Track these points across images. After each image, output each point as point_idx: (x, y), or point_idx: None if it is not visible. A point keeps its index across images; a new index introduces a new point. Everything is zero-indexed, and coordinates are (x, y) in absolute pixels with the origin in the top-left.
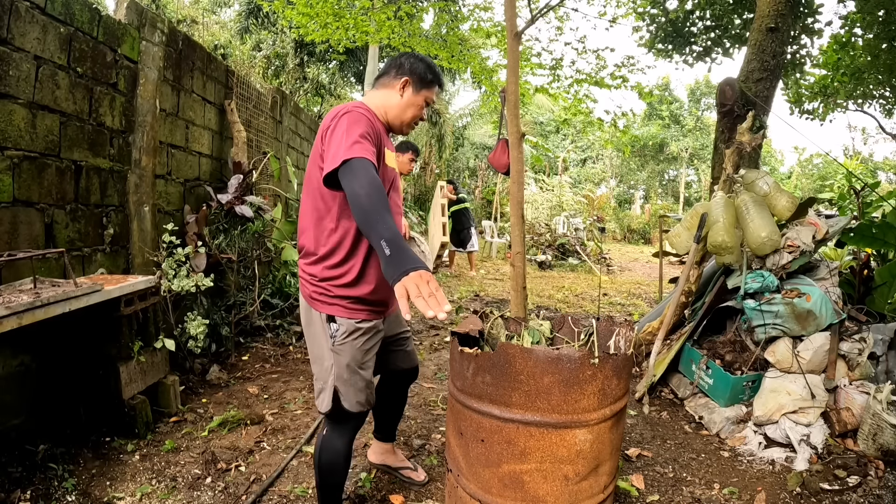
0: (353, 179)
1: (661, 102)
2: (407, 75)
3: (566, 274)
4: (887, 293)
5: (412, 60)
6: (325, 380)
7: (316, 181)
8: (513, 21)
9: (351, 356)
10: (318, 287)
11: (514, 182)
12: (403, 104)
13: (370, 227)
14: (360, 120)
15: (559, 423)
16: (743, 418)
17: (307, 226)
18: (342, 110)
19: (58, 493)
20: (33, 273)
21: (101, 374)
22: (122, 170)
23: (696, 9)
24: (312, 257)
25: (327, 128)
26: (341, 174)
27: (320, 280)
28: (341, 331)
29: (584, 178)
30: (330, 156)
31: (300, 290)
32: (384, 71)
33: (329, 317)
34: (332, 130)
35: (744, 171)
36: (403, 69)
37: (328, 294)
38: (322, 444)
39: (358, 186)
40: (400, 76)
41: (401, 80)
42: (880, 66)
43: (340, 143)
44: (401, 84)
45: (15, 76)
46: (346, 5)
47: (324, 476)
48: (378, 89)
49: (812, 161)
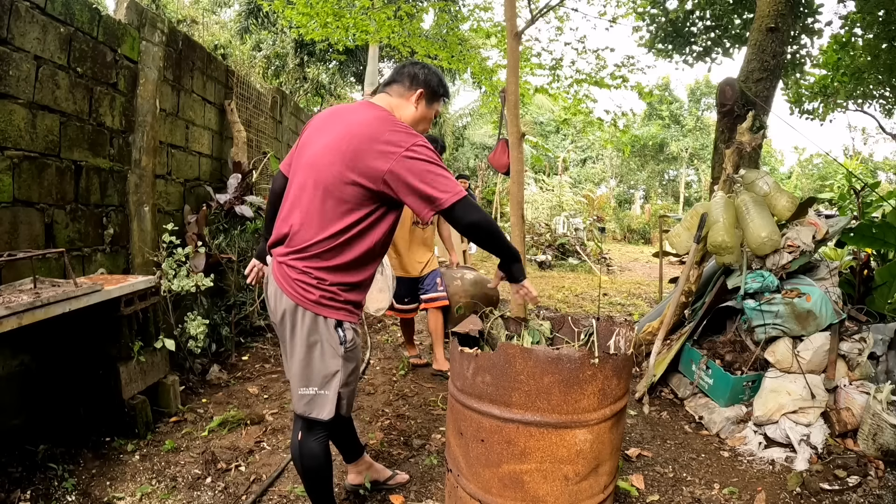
0: (474, 212)
1: (661, 102)
2: (422, 87)
3: (566, 274)
4: (887, 293)
5: (426, 72)
6: (327, 387)
7: (352, 189)
8: (513, 21)
9: (356, 361)
10: (327, 291)
11: (514, 182)
12: (418, 116)
13: (505, 246)
14: (432, 149)
15: (559, 423)
16: (743, 418)
17: (315, 228)
18: (411, 136)
19: (58, 493)
20: (33, 273)
21: (101, 374)
22: (122, 170)
23: (696, 9)
24: (323, 261)
25: (387, 142)
26: (461, 207)
27: (331, 284)
28: (349, 335)
29: (584, 178)
30: (440, 188)
31: (286, 294)
32: (395, 79)
33: (338, 322)
34: (413, 158)
35: (744, 171)
36: (418, 80)
37: (337, 299)
38: (302, 451)
39: (480, 219)
40: (415, 87)
41: (416, 91)
42: (880, 66)
43: (447, 178)
44: (416, 96)
45: (15, 76)
46: (346, 5)
47: (311, 479)
48: (392, 97)
49: (812, 161)
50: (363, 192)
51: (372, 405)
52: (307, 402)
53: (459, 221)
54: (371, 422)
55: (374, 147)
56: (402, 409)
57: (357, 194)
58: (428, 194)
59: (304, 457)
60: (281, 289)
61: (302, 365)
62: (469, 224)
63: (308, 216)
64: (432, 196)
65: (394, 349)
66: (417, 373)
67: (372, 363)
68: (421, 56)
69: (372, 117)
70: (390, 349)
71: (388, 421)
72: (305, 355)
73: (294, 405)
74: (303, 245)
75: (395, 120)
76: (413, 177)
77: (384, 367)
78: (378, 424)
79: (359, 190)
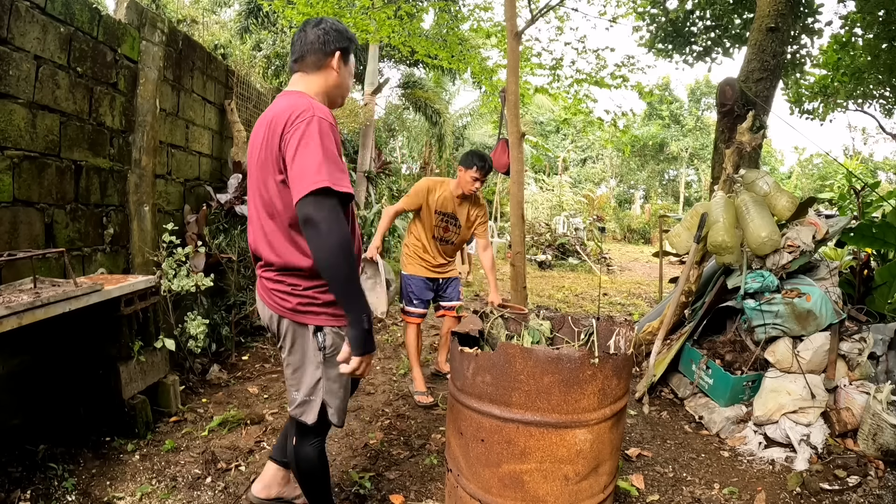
0: (332, 221)
1: (661, 102)
2: (337, 47)
3: (566, 274)
4: (887, 293)
5: (334, 29)
6: (314, 393)
7: (284, 188)
8: (513, 21)
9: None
10: (304, 297)
11: (514, 182)
12: (342, 80)
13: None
14: (332, 125)
15: (559, 423)
16: (743, 418)
17: (270, 237)
18: (311, 108)
19: (58, 493)
20: (33, 273)
21: (101, 374)
22: (122, 170)
23: (696, 9)
24: (290, 270)
25: (291, 123)
26: (317, 203)
27: (306, 289)
28: (329, 341)
29: (584, 178)
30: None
31: (267, 305)
32: (305, 52)
33: (317, 328)
34: (305, 130)
35: (744, 171)
36: (331, 42)
37: (316, 303)
38: (297, 456)
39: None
40: (332, 50)
41: (334, 54)
42: (880, 66)
43: (330, 162)
44: (336, 59)
45: (15, 76)
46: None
47: (307, 483)
48: (309, 73)
49: (812, 161)
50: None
51: (372, 405)
52: (297, 405)
53: (306, 219)
54: (371, 421)
55: (281, 136)
56: (402, 408)
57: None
58: (294, 173)
59: (299, 461)
60: (262, 300)
61: (290, 370)
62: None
63: (258, 229)
64: (296, 176)
65: (394, 349)
66: None
67: (371, 363)
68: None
69: (280, 109)
70: (390, 349)
71: (388, 421)
72: (292, 361)
73: (289, 408)
74: (266, 261)
75: (300, 100)
76: (290, 148)
77: (384, 367)
78: (378, 424)
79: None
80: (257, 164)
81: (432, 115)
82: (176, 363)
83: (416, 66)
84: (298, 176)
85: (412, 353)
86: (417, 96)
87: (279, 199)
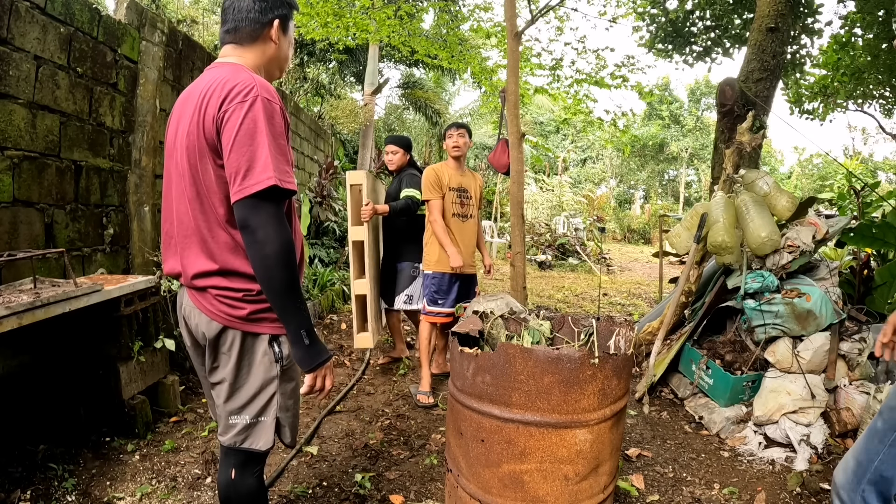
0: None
1: (661, 102)
2: (275, 15)
3: (566, 274)
4: (887, 293)
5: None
6: (265, 413)
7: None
8: (513, 21)
9: (296, 380)
10: (257, 304)
11: (514, 182)
12: (283, 52)
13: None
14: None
15: (559, 423)
16: (743, 418)
17: (206, 237)
18: (251, 84)
19: (58, 493)
20: (33, 273)
21: (101, 374)
22: (122, 170)
23: (696, 9)
24: (237, 274)
25: (227, 100)
26: (262, 204)
27: (259, 293)
28: (286, 351)
29: (584, 178)
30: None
31: (207, 314)
32: (238, 23)
33: (273, 337)
34: (246, 110)
35: (744, 171)
36: (268, 9)
37: (272, 309)
38: (238, 491)
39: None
40: (269, 19)
41: (273, 24)
42: (880, 66)
43: (276, 153)
44: (275, 30)
45: (15, 76)
46: (346, 5)
47: None
48: (243, 46)
49: (812, 161)
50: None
51: (372, 405)
52: (238, 431)
53: (244, 224)
54: (371, 422)
55: (218, 112)
56: (402, 409)
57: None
58: (234, 166)
59: (240, 497)
60: (200, 309)
61: (230, 391)
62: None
63: (183, 230)
64: (237, 170)
65: (393, 349)
66: (417, 373)
67: (372, 363)
68: (421, 56)
69: (214, 81)
70: (390, 349)
71: (388, 421)
72: (234, 380)
73: (221, 437)
74: (196, 270)
75: (239, 73)
76: (229, 131)
77: (384, 367)
78: (378, 424)
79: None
80: (185, 149)
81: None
82: (176, 363)
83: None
84: (240, 170)
85: (424, 352)
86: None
87: (220, 191)
